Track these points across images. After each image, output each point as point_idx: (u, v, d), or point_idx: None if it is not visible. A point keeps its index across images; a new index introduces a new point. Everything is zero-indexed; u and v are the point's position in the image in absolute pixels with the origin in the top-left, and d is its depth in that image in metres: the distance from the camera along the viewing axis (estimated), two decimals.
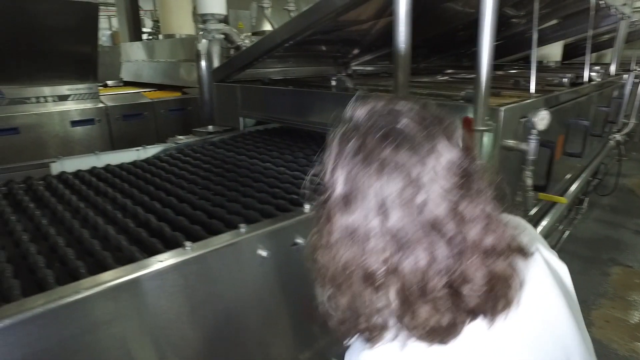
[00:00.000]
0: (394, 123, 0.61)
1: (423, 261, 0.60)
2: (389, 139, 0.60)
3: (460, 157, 0.61)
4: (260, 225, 1.20)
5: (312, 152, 2.20)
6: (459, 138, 0.63)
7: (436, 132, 0.61)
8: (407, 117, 0.62)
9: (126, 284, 0.92)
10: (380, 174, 0.59)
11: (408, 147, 0.60)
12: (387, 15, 2.83)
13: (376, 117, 0.63)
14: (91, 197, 1.69)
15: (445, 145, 0.61)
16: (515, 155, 1.76)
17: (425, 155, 0.59)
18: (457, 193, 0.60)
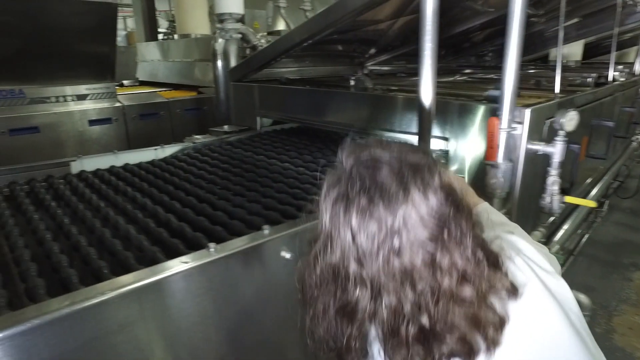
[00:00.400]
0: (373, 174, 0.65)
1: (397, 307, 0.64)
2: (367, 191, 0.64)
3: (438, 206, 0.64)
4: (283, 227, 1.19)
5: (331, 153, 2.17)
6: (437, 186, 0.65)
7: (412, 183, 0.64)
8: (386, 168, 0.65)
9: (151, 286, 0.90)
10: (357, 223, 0.64)
11: (384, 200, 0.63)
12: (407, 14, 2.80)
13: (359, 167, 0.67)
14: (111, 196, 1.69)
15: (419, 196, 0.63)
16: (539, 158, 1.72)
17: (400, 207, 0.62)
18: (433, 244, 0.63)
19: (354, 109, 2.18)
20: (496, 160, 1.55)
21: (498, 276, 0.68)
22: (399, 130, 1.97)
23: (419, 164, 0.66)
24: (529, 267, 0.76)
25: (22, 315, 0.77)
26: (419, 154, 0.69)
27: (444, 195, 0.65)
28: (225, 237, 1.26)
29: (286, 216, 1.42)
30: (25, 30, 2.96)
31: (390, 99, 2.05)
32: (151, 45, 5.59)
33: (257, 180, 1.79)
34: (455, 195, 0.67)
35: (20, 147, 3.19)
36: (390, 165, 0.65)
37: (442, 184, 0.66)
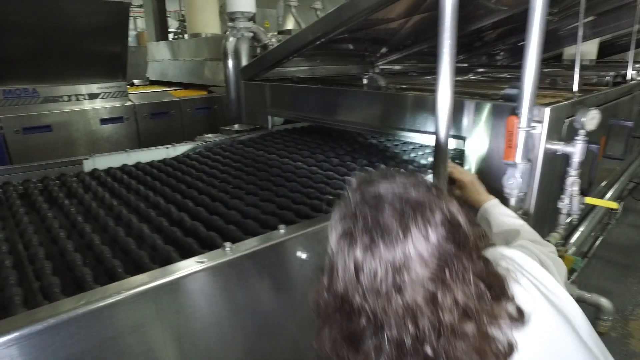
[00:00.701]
0: (376, 214, 0.67)
1: (399, 341, 0.65)
2: (369, 230, 0.66)
3: (438, 245, 0.65)
4: (299, 227, 1.17)
5: (343, 152, 2.15)
6: (439, 222, 0.66)
7: (412, 223, 0.65)
8: (388, 208, 0.67)
9: (167, 286, 0.89)
10: (360, 261, 0.66)
11: (385, 239, 0.65)
12: (420, 12, 2.76)
13: (363, 206, 0.69)
14: (123, 194, 1.68)
15: (420, 236, 0.65)
16: (558, 158, 1.68)
17: (400, 247, 0.64)
18: (434, 283, 0.64)
19: (367, 107, 2.15)
20: (514, 160, 1.51)
21: (502, 305, 0.70)
22: (413, 129, 1.94)
23: (421, 202, 0.68)
24: (536, 288, 0.78)
25: (39, 314, 0.76)
26: (422, 188, 0.70)
27: (445, 233, 0.66)
28: (240, 237, 1.25)
29: (300, 216, 1.40)
30: (38, 29, 2.99)
31: (405, 97, 2.03)
32: (161, 44, 5.61)
33: (270, 179, 1.78)
34: (458, 230, 0.68)
35: (33, 145, 3.22)
36: (392, 204, 0.67)
37: (444, 220, 0.67)
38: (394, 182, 0.71)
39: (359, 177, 0.76)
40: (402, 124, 1.99)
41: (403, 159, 2.08)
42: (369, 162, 1.99)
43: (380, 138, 2.46)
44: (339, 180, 1.76)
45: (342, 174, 1.85)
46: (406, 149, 2.26)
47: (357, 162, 1.99)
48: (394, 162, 2.01)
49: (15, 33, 2.94)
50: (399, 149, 2.25)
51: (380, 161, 2.00)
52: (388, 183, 0.71)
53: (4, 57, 3.03)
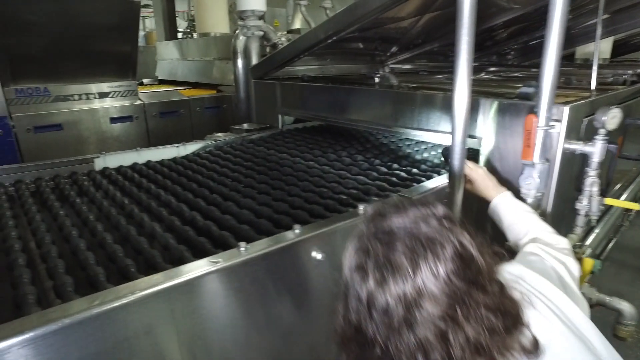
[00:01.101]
0: (387, 252, 0.68)
1: None
2: (380, 267, 0.68)
3: (449, 282, 0.65)
4: (314, 227, 1.14)
5: (355, 151, 2.13)
6: (449, 257, 0.67)
7: (423, 260, 0.66)
8: (399, 245, 0.68)
9: (181, 286, 0.87)
10: (372, 295, 0.68)
11: (395, 277, 0.66)
12: (432, 10, 2.73)
13: (375, 242, 0.71)
14: (134, 193, 1.68)
15: (430, 274, 0.65)
16: (575, 158, 1.64)
17: (410, 285, 0.65)
18: (444, 322, 0.65)
19: (380, 106, 2.12)
20: (532, 159, 1.48)
21: (516, 337, 0.69)
22: (427, 128, 1.91)
23: (432, 238, 0.68)
24: (553, 313, 0.78)
25: (53, 314, 0.74)
26: (434, 222, 0.71)
27: (456, 268, 0.67)
28: (253, 236, 1.23)
29: (314, 215, 1.38)
30: (51, 29, 3.00)
31: (419, 96, 1.99)
32: (170, 44, 5.62)
33: (282, 178, 1.76)
34: (469, 264, 0.68)
35: (44, 144, 3.23)
36: (403, 241, 0.68)
37: (455, 255, 0.67)
38: (405, 216, 0.72)
39: (373, 207, 0.78)
40: (415, 123, 1.96)
41: (416, 158, 2.05)
42: (381, 162, 1.97)
43: (392, 137, 2.44)
44: (352, 179, 1.73)
45: (354, 173, 1.82)
46: (418, 148, 2.23)
47: (369, 162, 1.96)
48: (406, 161, 1.98)
49: (28, 32, 2.96)
50: (411, 149, 2.23)
51: (392, 161, 1.98)
52: (400, 217, 0.72)
53: (17, 56, 3.05)
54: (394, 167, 1.90)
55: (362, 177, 1.77)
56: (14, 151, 3.07)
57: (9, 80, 3.12)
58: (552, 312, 0.78)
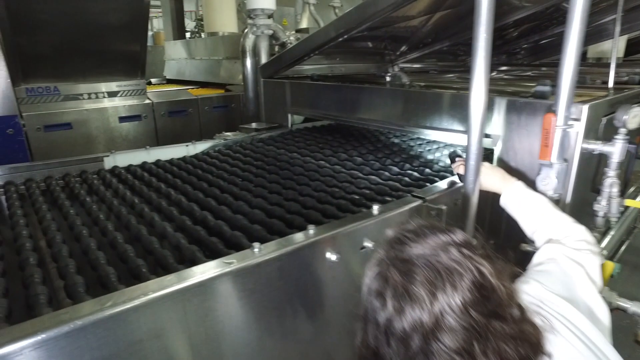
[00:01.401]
0: (405, 282, 0.68)
1: None
2: (398, 297, 0.67)
3: (467, 314, 0.64)
4: (329, 227, 1.12)
5: (366, 151, 2.10)
6: (468, 287, 0.66)
7: (441, 292, 0.65)
8: (418, 275, 0.67)
9: (195, 287, 0.85)
10: (390, 322, 0.67)
11: (414, 307, 0.66)
12: (444, 9, 2.70)
13: (393, 271, 0.70)
14: (144, 192, 1.66)
15: (448, 306, 0.64)
16: (594, 158, 1.61)
17: (428, 316, 0.65)
18: (461, 355, 0.63)
19: (391, 105, 2.09)
20: (550, 159, 1.44)
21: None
22: (441, 128, 1.88)
23: (450, 268, 0.67)
24: (577, 337, 0.76)
25: (65, 315, 0.73)
26: (454, 250, 0.70)
27: (474, 299, 0.66)
28: (266, 237, 1.21)
29: (327, 215, 1.36)
30: (61, 27, 3.01)
31: (432, 95, 1.96)
32: (179, 43, 5.63)
33: (293, 178, 1.74)
34: (488, 294, 0.67)
35: (54, 142, 3.24)
36: (422, 271, 0.68)
37: (474, 285, 0.66)
38: (425, 244, 0.72)
39: (395, 231, 0.77)
40: (428, 122, 1.93)
41: (428, 158, 2.02)
42: (393, 162, 1.94)
43: (403, 137, 2.41)
44: (364, 179, 1.71)
45: (366, 173, 1.80)
46: (430, 148, 2.20)
47: (381, 162, 1.93)
48: (418, 161, 1.95)
49: (39, 31, 2.97)
50: (423, 148, 2.19)
51: (404, 160, 1.95)
52: (419, 245, 0.72)
53: (28, 56, 3.06)
54: (406, 167, 1.87)
55: (374, 176, 1.74)
56: (25, 150, 3.07)
57: (19, 80, 3.14)
58: (576, 336, 0.77)
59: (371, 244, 1.18)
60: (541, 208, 1.26)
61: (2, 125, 2.96)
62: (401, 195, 1.51)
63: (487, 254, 0.72)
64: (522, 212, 1.30)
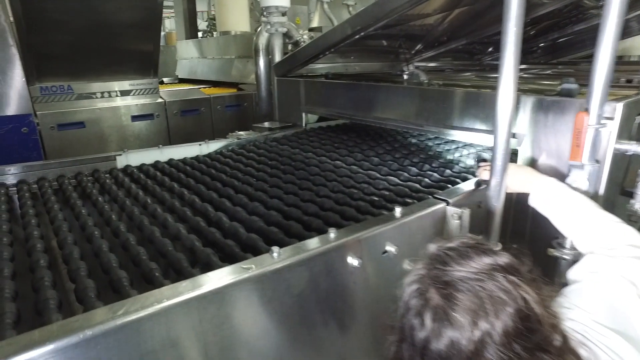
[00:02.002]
0: (445, 306, 0.64)
1: None
2: (437, 320, 0.64)
3: (510, 345, 0.60)
4: (350, 231, 1.06)
5: (383, 151, 2.04)
6: (510, 314, 0.62)
7: (484, 319, 0.61)
8: (459, 298, 0.63)
9: (212, 295, 0.80)
10: (426, 342, 0.64)
11: (453, 330, 0.62)
12: (462, 5, 2.62)
13: (432, 292, 0.66)
14: (157, 192, 1.62)
15: (489, 336, 0.60)
16: (624, 159, 1.53)
17: (468, 342, 0.61)
18: None
19: (409, 104, 2.03)
20: (581, 160, 1.37)
21: None
22: (462, 127, 1.81)
23: (496, 298, 0.63)
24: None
25: (75, 323, 0.68)
26: (499, 275, 0.65)
27: (519, 333, 0.62)
28: (283, 240, 1.16)
29: (346, 217, 1.30)
30: (75, 26, 3.00)
31: (453, 93, 1.89)
32: (191, 43, 5.62)
33: (309, 178, 1.68)
34: (534, 327, 0.63)
35: (67, 141, 3.24)
36: (465, 297, 0.64)
37: (520, 317, 0.62)
38: (468, 267, 0.67)
39: (437, 248, 0.73)
40: (448, 121, 1.86)
41: (448, 158, 1.95)
42: (411, 162, 1.87)
43: (421, 136, 2.34)
44: (382, 180, 1.65)
45: (384, 173, 1.74)
46: (450, 148, 2.13)
47: (399, 162, 1.87)
48: (438, 162, 1.88)
49: (53, 30, 2.97)
50: (442, 148, 2.13)
51: (423, 161, 1.88)
52: (462, 268, 0.67)
53: (43, 54, 3.06)
54: (425, 168, 1.80)
55: (392, 177, 1.69)
56: (39, 149, 3.07)
57: (34, 78, 3.14)
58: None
59: (394, 248, 1.13)
60: (579, 206, 1.15)
61: (17, 124, 2.96)
62: (422, 197, 1.45)
63: (532, 278, 0.68)
64: (556, 211, 1.20)
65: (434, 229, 1.31)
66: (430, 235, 1.31)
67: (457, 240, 0.73)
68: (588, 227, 1.09)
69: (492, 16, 2.86)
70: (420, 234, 1.27)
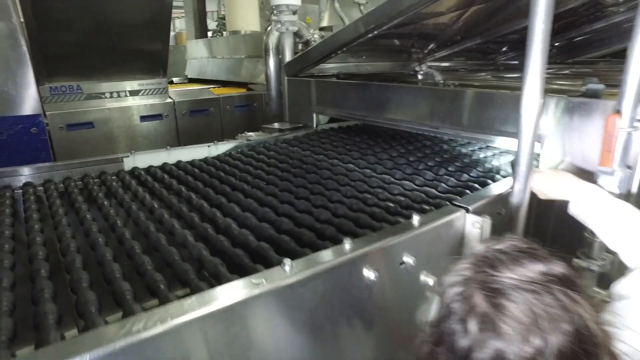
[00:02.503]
0: (494, 313, 0.58)
1: None
2: (484, 330, 0.59)
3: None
4: (366, 241, 1.00)
5: (397, 154, 1.97)
6: (565, 337, 0.56)
7: (538, 336, 0.55)
8: (509, 309, 0.58)
9: (220, 313, 0.74)
10: (469, 354, 0.60)
11: (503, 344, 0.57)
12: (479, 3, 2.54)
13: (480, 295, 0.61)
14: (164, 195, 1.58)
15: (541, 355, 0.55)
16: None
17: (515, 354, 0.56)
18: None
19: (425, 105, 1.96)
20: (612, 166, 1.29)
21: None
22: (481, 129, 1.73)
23: (552, 314, 0.57)
24: None
25: (72, 346, 0.63)
26: (556, 291, 0.59)
27: (572, 351, 0.56)
28: (295, 249, 1.10)
29: (360, 225, 1.24)
30: (85, 26, 2.98)
31: (471, 94, 1.81)
32: (200, 42, 5.59)
33: (321, 182, 1.62)
34: (588, 346, 0.57)
35: (76, 141, 3.22)
36: (516, 308, 0.58)
37: (576, 338, 0.56)
38: (520, 274, 0.61)
39: (485, 248, 0.67)
40: (466, 123, 1.79)
41: (464, 162, 1.88)
42: (426, 166, 1.80)
43: (436, 139, 2.26)
44: (397, 184, 1.58)
45: (399, 177, 1.67)
46: (466, 150, 2.05)
47: (413, 166, 1.80)
48: (454, 165, 1.80)
49: (63, 30, 2.95)
50: (457, 151, 2.05)
51: (438, 165, 1.81)
52: (514, 274, 0.61)
53: (53, 54, 3.04)
54: (440, 172, 1.73)
55: (407, 181, 1.62)
56: (48, 149, 3.06)
57: (43, 78, 3.12)
58: None
59: (412, 260, 1.06)
60: (626, 216, 1.07)
61: (27, 124, 2.95)
62: (439, 203, 1.38)
63: (586, 292, 0.61)
64: (601, 221, 1.11)
65: (452, 238, 1.24)
66: (448, 245, 1.24)
67: (506, 242, 0.67)
68: (637, 239, 1.00)
69: (508, 14, 2.77)
70: (438, 243, 1.20)
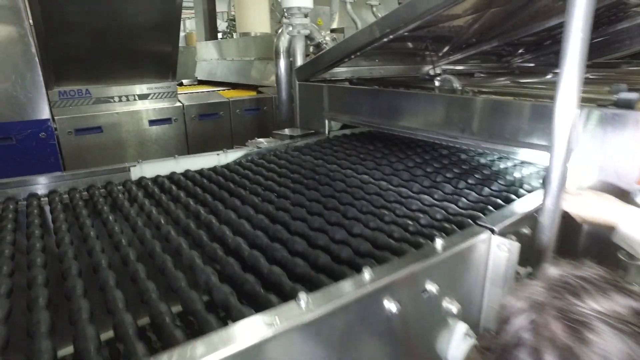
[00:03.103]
0: (580, 345, 0.52)
1: None
2: None
3: None
4: (387, 269, 0.92)
5: (413, 164, 1.88)
6: None
7: None
8: (598, 345, 0.51)
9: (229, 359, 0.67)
10: None
11: None
12: (496, 5, 2.45)
13: (559, 326, 0.55)
14: (172, 210, 1.51)
15: None
16: None
17: None
18: None
19: (444, 114, 1.87)
20: None
21: None
22: (504, 142, 1.64)
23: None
24: None
25: None
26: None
27: None
28: (309, 275, 1.03)
29: (378, 246, 1.16)
30: (94, 29, 2.95)
31: (493, 102, 1.72)
32: (210, 44, 5.55)
33: (335, 195, 1.54)
34: None
35: (84, 146, 3.19)
36: (603, 343, 0.52)
37: None
38: (606, 305, 0.54)
39: (562, 272, 0.60)
40: (487, 134, 1.70)
41: (485, 174, 1.78)
42: (445, 178, 1.71)
43: (453, 148, 2.17)
44: (415, 198, 1.50)
45: (416, 191, 1.59)
46: (485, 161, 1.96)
47: (431, 178, 1.71)
48: (474, 178, 1.71)
49: (72, 34, 2.91)
50: (477, 162, 1.95)
51: (457, 177, 1.72)
52: (598, 305, 0.55)
53: (62, 58, 3.01)
54: (460, 185, 1.64)
55: (425, 195, 1.54)
56: (56, 154, 3.02)
57: (52, 83, 3.09)
58: None
59: (435, 288, 0.98)
60: None
61: (35, 129, 2.92)
62: (460, 221, 1.29)
63: None
64: None
65: (476, 261, 1.16)
66: (472, 270, 1.15)
67: (587, 269, 0.60)
68: None
69: (526, 16, 2.68)
70: (462, 268, 1.12)
